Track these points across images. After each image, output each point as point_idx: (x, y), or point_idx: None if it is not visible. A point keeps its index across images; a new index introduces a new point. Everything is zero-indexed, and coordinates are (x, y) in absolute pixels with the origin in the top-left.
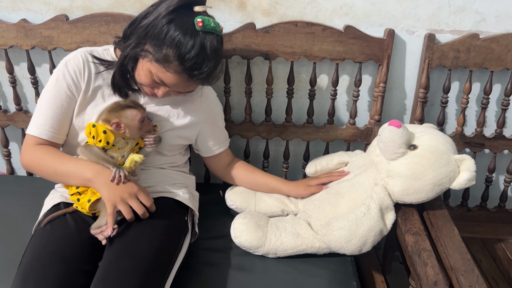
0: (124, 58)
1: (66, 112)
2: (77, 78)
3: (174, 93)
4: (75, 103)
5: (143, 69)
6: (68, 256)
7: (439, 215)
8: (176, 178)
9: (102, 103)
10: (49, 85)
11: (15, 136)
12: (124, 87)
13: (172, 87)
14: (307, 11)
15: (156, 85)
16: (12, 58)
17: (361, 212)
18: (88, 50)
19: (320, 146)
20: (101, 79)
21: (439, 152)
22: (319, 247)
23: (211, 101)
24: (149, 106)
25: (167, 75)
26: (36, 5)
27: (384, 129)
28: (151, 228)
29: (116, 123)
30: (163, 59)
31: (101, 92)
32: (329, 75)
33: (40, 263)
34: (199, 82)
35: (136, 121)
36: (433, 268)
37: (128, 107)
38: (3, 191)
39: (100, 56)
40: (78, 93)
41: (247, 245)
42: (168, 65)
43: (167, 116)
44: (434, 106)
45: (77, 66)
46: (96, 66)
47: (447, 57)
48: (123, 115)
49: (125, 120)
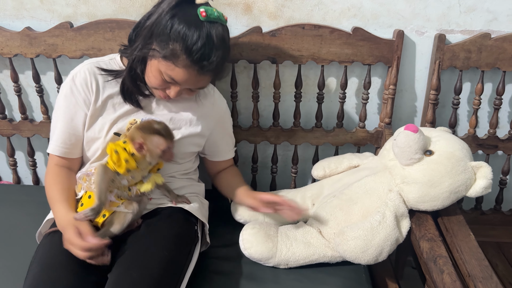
0: (132, 62)
1: (77, 127)
2: (85, 91)
3: (186, 92)
4: (85, 117)
5: (152, 70)
6: (77, 267)
7: (454, 220)
8: (186, 187)
9: (113, 113)
10: (58, 101)
11: (21, 145)
12: (135, 93)
13: (183, 84)
14: (314, 13)
15: (167, 85)
16: (17, 66)
17: (376, 220)
18: (94, 62)
19: (329, 151)
20: (110, 89)
21: (456, 158)
22: (332, 256)
23: (222, 108)
24: (162, 114)
25: (177, 71)
26: (40, 13)
27: (400, 133)
28: (161, 238)
29: (140, 144)
30: (171, 54)
31: (111, 102)
32: (338, 78)
33: (48, 275)
34: (210, 74)
35: (159, 150)
36: (450, 276)
37: (158, 133)
38: (9, 200)
39: (107, 67)
40: (87, 106)
41: (257, 257)
42: (177, 60)
43: (179, 124)
44: (446, 108)
45: (84, 80)
46: (104, 77)
47: (458, 57)
48: (149, 139)
49: (149, 145)
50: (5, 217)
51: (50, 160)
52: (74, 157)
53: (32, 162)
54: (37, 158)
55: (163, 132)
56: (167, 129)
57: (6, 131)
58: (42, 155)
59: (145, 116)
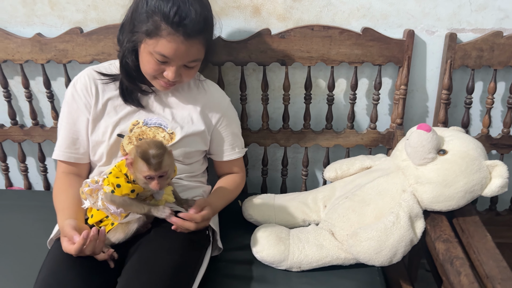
0: (123, 56)
1: (80, 131)
2: (85, 96)
3: (184, 73)
4: (87, 122)
5: (143, 57)
6: (85, 271)
7: (469, 221)
8: (195, 190)
9: (114, 115)
10: (62, 108)
11: (32, 151)
12: (134, 92)
13: (175, 58)
14: (323, 14)
15: (161, 67)
16: (28, 73)
17: (390, 221)
18: (94, 67)
19: (340, 153)
20: (110, 92)
21: (471, 158)
22: (345, 258)
23: (224, 105)
24: (163, 113)
25: (163, 43)
26: (51, 19)
27: (413, 133)
28: (171, 242)
29: (130, 162)
30: (153, 28)
31: (111, 105)
32: (347, 79)
33: (57, 279)
34: (197, 39)
35: (143, 179)
36: (467, 277)
37: (144, 159)
38: (21, 205)
39: (106, 71)
40: (88, 110)
41: (270, 260)
42: (159, 32)
43: (181, 122)
44: (458, 107)
45: (83, 85)
46: (103, 81)
47: (470, 56)
48: (135, 161)
49: (135, 166)
50: (16, 223)
51: (58, 167)
52: (79, 162)
53: (43, 168)
54: (48, 164)
55: (151, 161)
56: (160, 157)
57: (18, 137)
58: (52, 161)
59: (147, 117)
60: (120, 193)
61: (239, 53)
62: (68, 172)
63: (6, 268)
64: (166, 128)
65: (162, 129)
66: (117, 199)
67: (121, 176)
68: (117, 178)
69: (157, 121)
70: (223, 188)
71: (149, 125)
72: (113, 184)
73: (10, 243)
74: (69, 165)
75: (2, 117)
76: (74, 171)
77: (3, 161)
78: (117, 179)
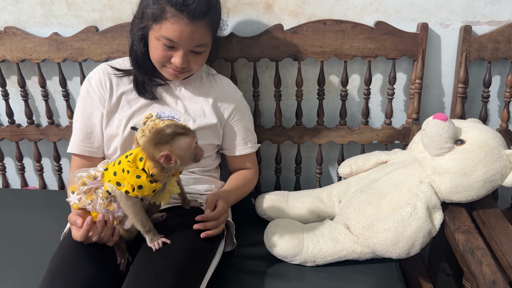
0: (132, 44)
1: (94, 125)
2: (100, 90)
3: (192, 58)
4: (101, 116)
5: (151, 44)
6: (97, 258)
7: (490, 213)
8: (207, 184)
9: (128, 109)
10: (77, 103)
11: (47, 151)
12: (147, 83)
13: (180, 41)
14: (335, 9)
15: (169, 53)
16: (45, 73)
17: (407, 212)
18: (108, 63)
19: (355, 151)
20: (124, 86)
21: (489, 147)
22: (361, 252)
23: (236, 98)
24: (176, 106)
25: (168, 26)
26: (68, 19)
27: (429, 123)
28: (184, 231)
29: (165, 156)
30: (159, 12)
31: (125, 98)
32: (361, 75)
33: (69, 264)
34: (203, 21)
35: (192, 149)
36: (489, 267)
37: (179, 134)
38: (36, 204)
39: (120, 66)
40: (103, 104)
41: (283, 254)
42: (165, 15)
43: (194, 115)
44: (475, 102)
45: (98, 80)
46: (117, 75)
47: (485, 49)
48: (175, 145)
49: (178, 151)
50: (31, 220)
51: (72, 162)
52: (93, 156)
53: (58, 167)
54: (63, 164)
55: (183, 130)
56: (182, 125)
57: (34, 136)
58: (67, 161)
59: (160, 110)
60: (142, 194)
61: (251, 49)
62: (82, 166)
63: (21, 263)
64: (179, 121)
65: (175, 121)
66: (129, 202)
67: (142, 174)
68: (138, 178)
69: (170, 114)
70: (234, 182)
71: (162, 118)
72: (133, 185)
73: (25, 239)
74: (83, 159)
75: (19, 117)
76: (88, 165)
77: (19, 161)
78: (138, 179)
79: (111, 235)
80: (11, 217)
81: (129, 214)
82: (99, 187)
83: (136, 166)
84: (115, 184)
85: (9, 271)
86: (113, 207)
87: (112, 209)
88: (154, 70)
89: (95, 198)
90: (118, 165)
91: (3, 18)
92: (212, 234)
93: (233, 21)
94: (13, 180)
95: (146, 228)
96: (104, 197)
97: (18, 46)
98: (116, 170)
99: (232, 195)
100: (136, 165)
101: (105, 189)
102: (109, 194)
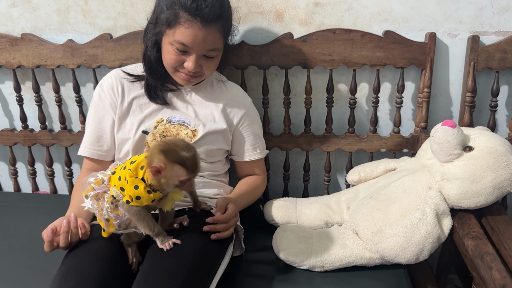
0: (146, 49)
1: (104, 129)
2: (111, 95)
3: (204, 63)
4: (112, 121)
5: (165, 49)
6: (109, 257)
7: (499, 220)
8: (216, 188)
9: (140, 113)
10: (90, 107)
11: (59, 156)
12: (158, 88)
13: (194, 46)
14: (344, 19)
15: (182, 58)
16: (59, 79)
17: (416, 217)
18: (121, 68)
19: (363, 159)
20: (135, 91)
21: (498, 153)
22: (370, 257)
23: (246, 104)
24: (188, 110)
25: (181, 31)
26: (83, 27)
27: (438, 129)
28: (195, 232)
29: (157, 169)
30: (173, 17)
31: (136, 102)
32: (370, 84)
33: (81, 262)
34: (215, 26)
35: (179, 181)
36: (499, 272)
37: (182, 164)
38: (46, 208)
39: (132, 72)
40: (114, 109)
41: (292, 259)
42: (178, 20)
43: (204, 120)
44: (483, 112)
45: (109, 85)
46: (129, 80)
47: (493, 58)
48: (170, 167)
49: (169, 172)
50: (42, 224)
51: (83, 164)
52: (102, 159)
53: (69, 172)
54: (74, 169)
55: (188, 163)
56: (194, 159)
57: (46, 141)
58: (78, 166)
59: (171, 115)
60: (141, 204)
61: (262, 57)
62: (91, 168)
63: (32, 264)
64: (189, 126)
65: (185, 126)
66: (132, 211)
67: (140, 184)
68: (136, 189)
69: (180, 118)
70: (244, 187)
71: (173, 122)
72: (131, 196)
73: (35, 242)
74: (92, 162)
75: (32, 122)
76: (96, 168)
77: (31, 166)
78: (135, 189)
79: (78, 234)
80: (22, 220)
81: (134, 221)
82: (106, 191)
83: (136, 175)
84: (119, 189)
85: (21, 273)
86: (121, 212)
87: (120, 214)
88: (166, 76)
89: (102, 203)
90: (123, 171)
91: (21, 25)
92: (222, 237)
93: (244, 29)
94: (24, 185)
95: (154, 232)
96: (109, 202)
97: (34, 52)
98: (121, 174)
99: (241, 200)
100: (136, 173)
101: (111, 194)
102: (114, 199)
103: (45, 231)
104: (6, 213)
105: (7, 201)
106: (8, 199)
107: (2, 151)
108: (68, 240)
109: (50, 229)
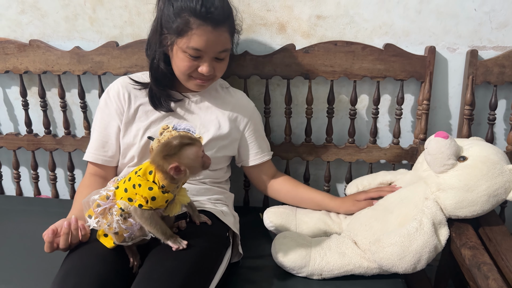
0: (153, 59)
1: (110, 135)
2: (117, 102)
3: (216, 65)
4: (118, 127)
5: (176, 57)
6: (110, 259)
7: (496, 230)
8: (216, 194)
9: (146, 120)
10: (96, 113)
11: (62, 161)
12: (162, 98)
13: (208, 50)
14: (346, 31)
15: (195, 63)
16: (65, 84)
17: (413, 227)
18: (128, 76)
19: (363, 170)
20: (142, 98)
21: (491, 162)
22: (368, 267)
23: (250, 109)
24: (193, 117)
25: (194, 37)
26: (90, 34)
27: (431, 141)
28: (195, 235)
29: (175, 168)
30: (183, 25)
31: (142, 109)
32: (370, 95)
33: (82, 262)
34: (225, 27)
35: (200, 157)
36: (496, 281)
37: (186, 144)
38: (48, 212)
39: (138, 79)
40: (120, 116)
41: (290, 265)
42: (189, 26)
43: (208, 126)
44: (481, 125)
45: (116, 92)
46: (135, 87)
47: (492, 72)
48: (183, 156)
49: (186, 161)
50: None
51: (87, 169)
52: (106, 164)
53: (71, 177)
54: (76, 174)
55: (189, 140)
56: (188, 136)
57: (50, 146)
58: (80, 172)
59: (177, 122)
60: (155, 205)
61: (264, 67)
62: (94, 173)
63: (34, 267)
64: (194, 133)
65: (182, 132)
66: (145, 215)
67: (153, 185)
68: (150, 190)
69: (186, 126)
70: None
71: (178, 129)
72: (147, 197)
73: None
74: (96, 167)
75: (37, 127)
76: (100, 173)
77: (34, 170)
78: (150, 191)
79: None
80: (24, 224)
81: (146, 226)
82: (113, 206)
83: (147, 179)
84: (127, 200)
85: (22, 274)
86: (131, 223)
87: (130, 225)
88: (173, 85)
89: (110, 217)
90: (128, 182)
91: (29, 31)
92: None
93: (247, 40)
94: (27, 189)
95: (167, 235)
96: (119, 214)
97: (41, 58)
98: (126, 186)
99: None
100: (146, 178)
101: (118, 207)
102: (123, 211)
103: (46, 232)
104: (8, 217)
105: (9, 204)
106: (10, 202)
107: (6, 155)
108: (68, 241)
109: (50, 230)
